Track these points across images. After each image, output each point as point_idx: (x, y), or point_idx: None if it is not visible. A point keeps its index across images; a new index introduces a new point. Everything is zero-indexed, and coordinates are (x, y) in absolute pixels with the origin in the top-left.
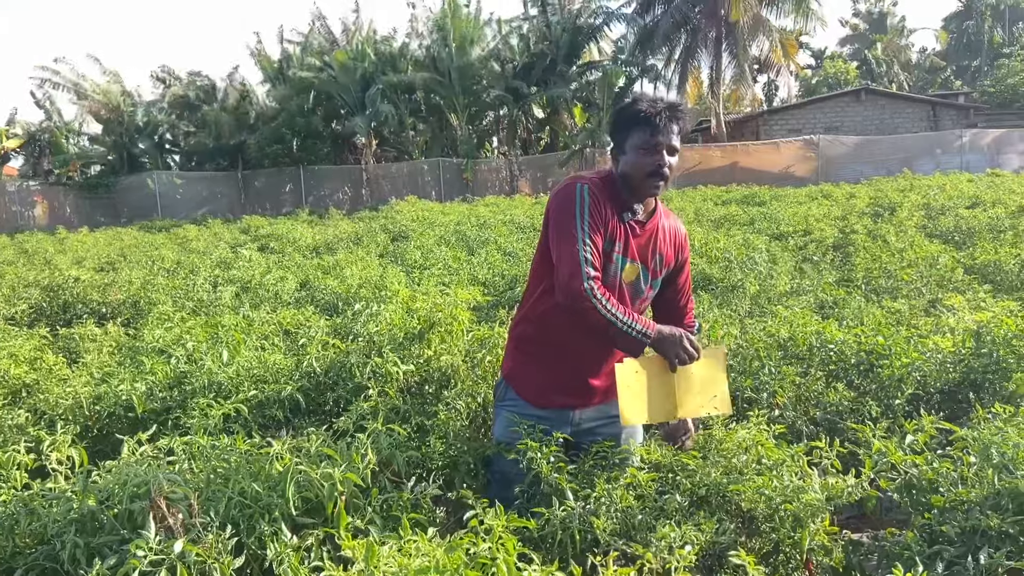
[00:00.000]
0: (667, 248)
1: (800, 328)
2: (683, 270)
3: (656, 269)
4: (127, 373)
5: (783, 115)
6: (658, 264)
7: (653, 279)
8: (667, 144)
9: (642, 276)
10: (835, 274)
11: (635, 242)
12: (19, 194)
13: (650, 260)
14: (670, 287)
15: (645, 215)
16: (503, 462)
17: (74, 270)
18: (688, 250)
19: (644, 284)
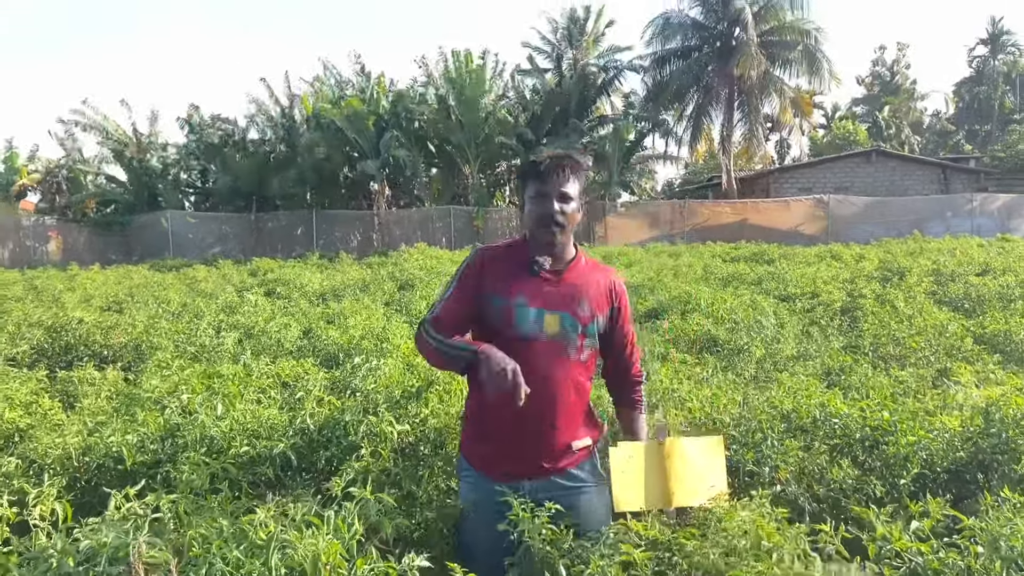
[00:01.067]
0: (595, 296)
1: (804, 399)
2: (621, 319)
3: (585, 315)
4: (119, 424)
5: (794, 173)
6: (587, 310)
7: (584, 326)
8: (557, 192)
9: (568, 325)
10: (842, 339)
11: (549, 292)
12: (34, 229)
13: (576, 308)
14: (612, 337)
15: (562, 264)
16: (465, 533)
17: (80, 310)
18: (625, 298)
19: (574, 333)
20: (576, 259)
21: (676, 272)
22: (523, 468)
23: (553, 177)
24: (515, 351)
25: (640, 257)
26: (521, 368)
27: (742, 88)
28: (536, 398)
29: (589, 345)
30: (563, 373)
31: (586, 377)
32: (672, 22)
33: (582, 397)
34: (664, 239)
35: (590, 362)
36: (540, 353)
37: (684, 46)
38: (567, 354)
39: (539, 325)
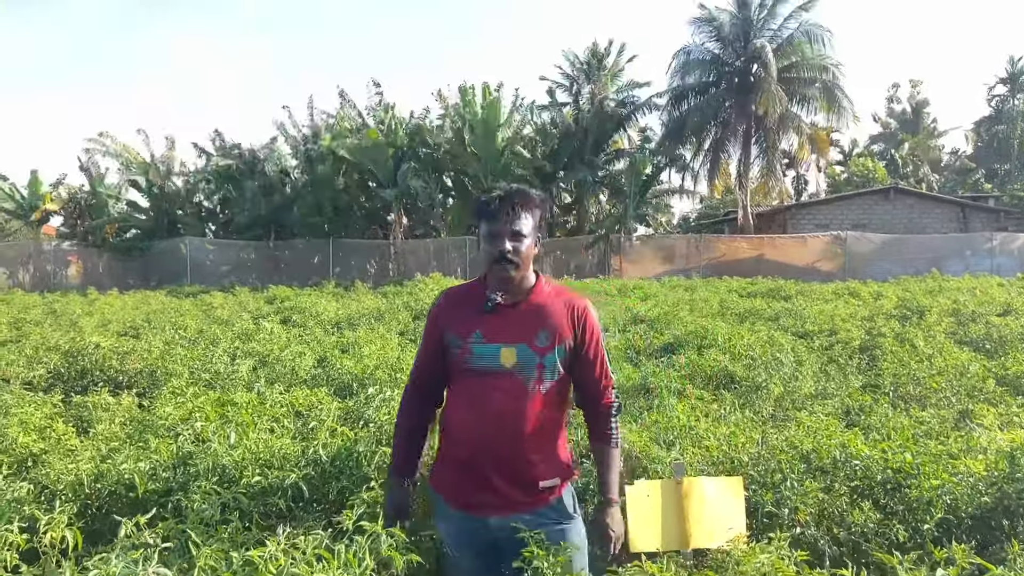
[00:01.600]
0: (558, 322)
1: (824, 439)
2: (588, 345)
3: (544, 346)
4: (132, 450)
5: (811, 210)
6: (546, 339)
7: (544, 356)
8: (508, 231)
9: (524, 356)
10: (861, 378)
11: (506, 325)
12: (55, 253)
13: (533, 338)
14: (581, 365)
15: (520, 295)
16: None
17: (97, 335)
18: (592, 323)
19: (531, 364)
20: (536, 288)
21: (692, 306)
22: (488, 502)
23: (503, 215)
24: (474, 387)
25: (656, 291)
26: (480, 403)
27: (760, 124)
28: (497, 432)
29: (551, 376)
30: (524, 407)
31: (553, 411)
32: (692, 57)
33: (549, 432)
34: (680, 273)
35: (555, 395)
36: (499, 387)
37: (702, 81)
38: (526, 387)
39: (496, 359)
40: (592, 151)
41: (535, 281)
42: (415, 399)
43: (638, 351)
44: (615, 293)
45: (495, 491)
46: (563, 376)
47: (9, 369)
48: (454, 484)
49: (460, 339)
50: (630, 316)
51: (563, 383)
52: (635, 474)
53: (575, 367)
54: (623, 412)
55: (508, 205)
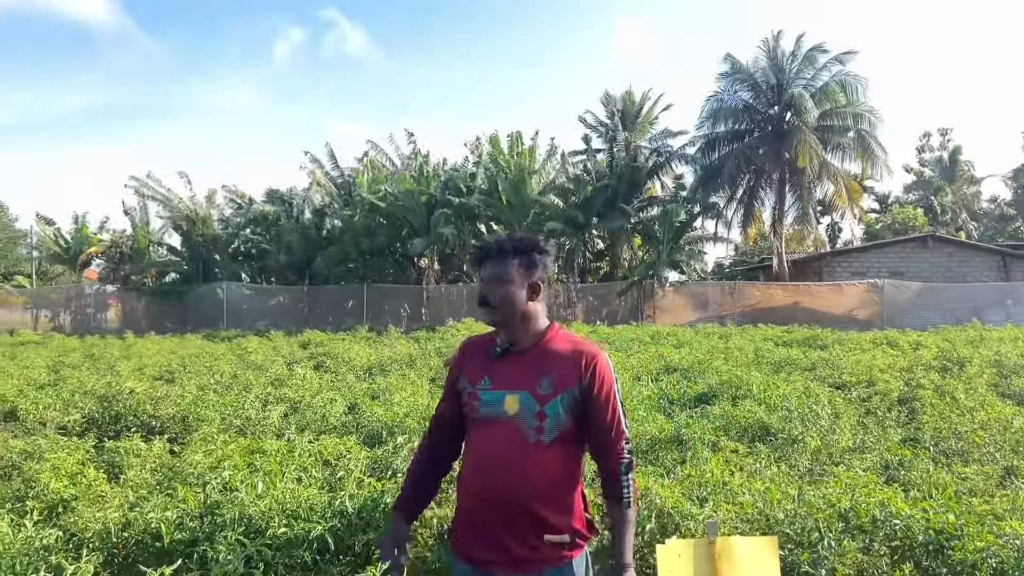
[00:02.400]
0: (562, 369)
1: (863, 497)
2: (597, 396)
3: (545, 393)
4: (159, 499)
5: (847, 257)
6: (548, 387)
7: (544, 404)
8: (486, 276)
9: (526, 404)
10: (900, 431)
11: (512, 372)
12: (95, 297)
13: (535, 385)
14: (589, 416)
15: (528, 343)
16: None
17: (132, 379)
18: (603, 373)
19: (531, 412)
20: (546, 336)
21: (727, 355)
22: (493, 557)
23: (481, 264)
24: (481, 435)
25: (689, 338)
26: (484, 452)
27: (794, 171)
28: (501, 482)
29: (553, 426)
30: (526, 457)
31: (560, 464)
32: (724, 105)
33: (557, 486)
34: (714, 320)
35: (563, 447)
36: (502, 435)
37: (735, 129)
38: (528, 436)
39: (500, 406)
40: (625, 198)
41: (546, 328)
42: (428, 447)
43: (671, 401)
44: (648, 340)
45: (499, 545)
46: (572, 428)
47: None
48: (462, 536)
49: (471, 386)
50: (663, 364)
51: (572, 435)
52: (667, 531)
53: (585, 418)
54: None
55: (485, 254)
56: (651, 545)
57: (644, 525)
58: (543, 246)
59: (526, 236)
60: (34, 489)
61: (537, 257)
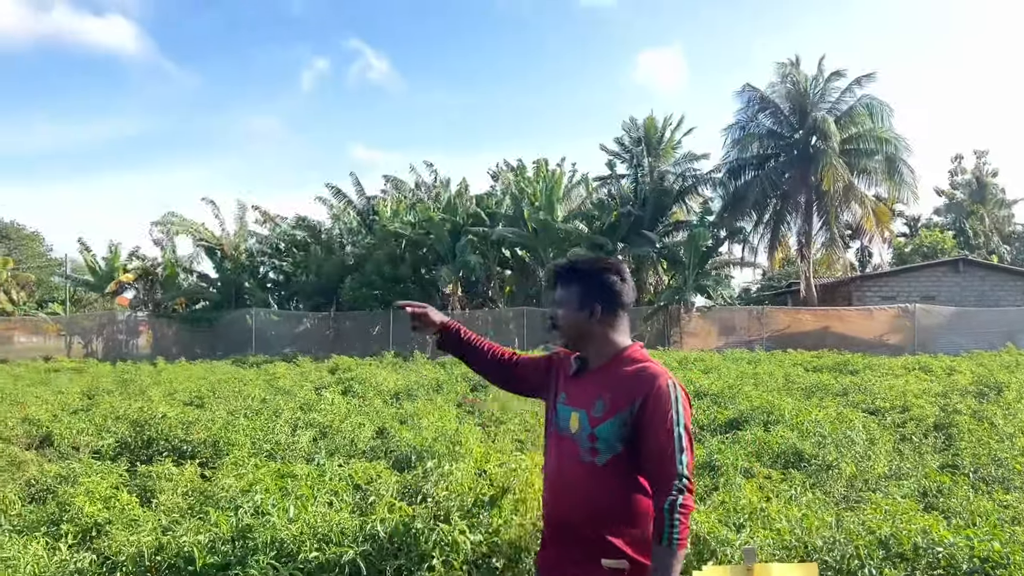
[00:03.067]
0: (617, 392)
1: (903, 524)
2: (650, 423)
3: (597, 415)
4: (192, 523)
5: (876, 282)
6: (601, 409)
7: (595, 426)
8: (556, 299)
9: (583, 424)
10: (938, 458)
11: (578, 390)
12: (127, 323)
13: (591, 406)
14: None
15: (597, 364)
16: None
17: (164, 405)
18: (661, 400)
19: (586, 432)
20: (616, 357)
21: (756, 380)
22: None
23: (548, 286)
24: (550, 447)
25: (717, 363)
26: (550, 465)
27: (821, 196)
28: (559, 498)
29: (606, 450)
30: (582, 476)
31: (616, 486)
32: (747, 131)
33: (615, 510)
34: (741, 345)
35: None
36: (563, 452)
37: (760, 154)
38: (582, 456)
39: (567, 422)
40: (651, 223)
41: (621, 350)
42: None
43: (701, 426)
44: (676, 365)
45: (562, 563)
46: (628, 455)
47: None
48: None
49: (554, 396)
50: (692, 390)
51: (631, 463)
52: (703, 558)
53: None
54: None
55: (556, 277)
56: (687, 572)
57: None
58: (606, 267)
59: (593, 258)
60: (68, 512)
61: (598, 279)
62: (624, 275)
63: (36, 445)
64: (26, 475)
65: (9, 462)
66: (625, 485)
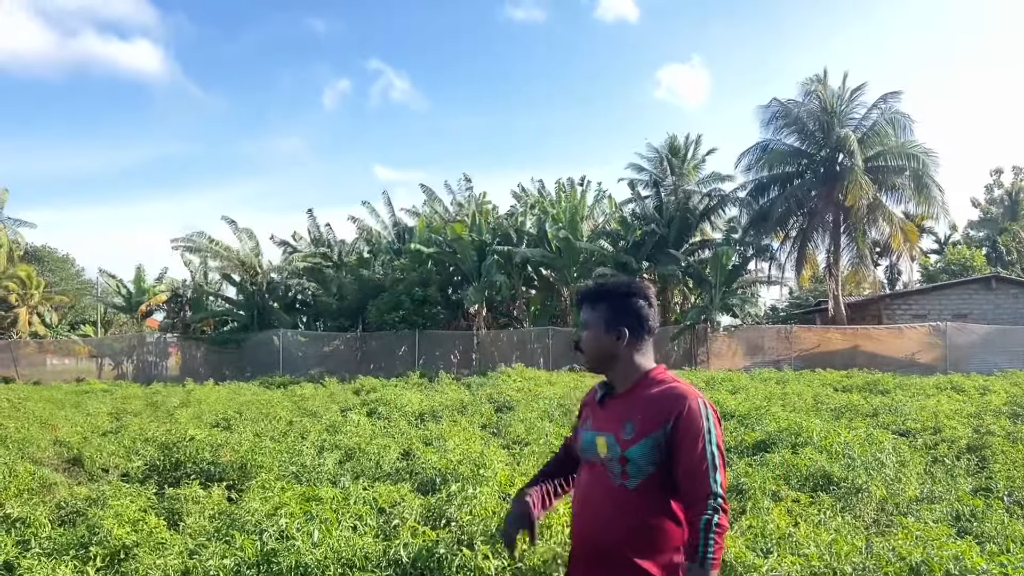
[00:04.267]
0: (647, 414)
1: (935, 550)
2: (682, 444)
3: (627, 438)
4: (217, 547)
5: (906, 300)
6: (631, 432)
7: (625, 449)
8: (582, 321)
9: (612, 447)
10: (971, 480)
11: (605, 415)
12: (156, 345)
13: (620, 429)
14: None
15: (623, 387)
16: None
17: (192, 427)
18: (691, 419)
19: (615, 456)
20: (641, 380)
21: (784, 401)
22: None
23: (579, 308)
24: (582, 474)
25: (745, 383)
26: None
27: (848, 213)
28: (589, 523)
29: (637, 473)
30: (612, 500)
31: (647, 509)
32: (770, 149)
33: (641, 531)
34: (769, 365)
35: (649, 494)
36: (593, 477)
37: (784, 172)
38: (612, 479)
39: (593, 447)
40: (676, 242)
41: (645, 372)
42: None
43: (728, 449)
44: (702, 386)
45: None
46: (659, 475)
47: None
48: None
49: (581, 425)
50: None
51: (663, 485)
52: None
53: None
54: None
55: (582, 299)
56: None
57: None
58: (634, 290)
59: (619, 281)
60: (97, 535)
61: (626, 302)
62: (651, 299)
63: (66, 467)
64: (56, 497)
65: (40, 484)
66: (657, 508)
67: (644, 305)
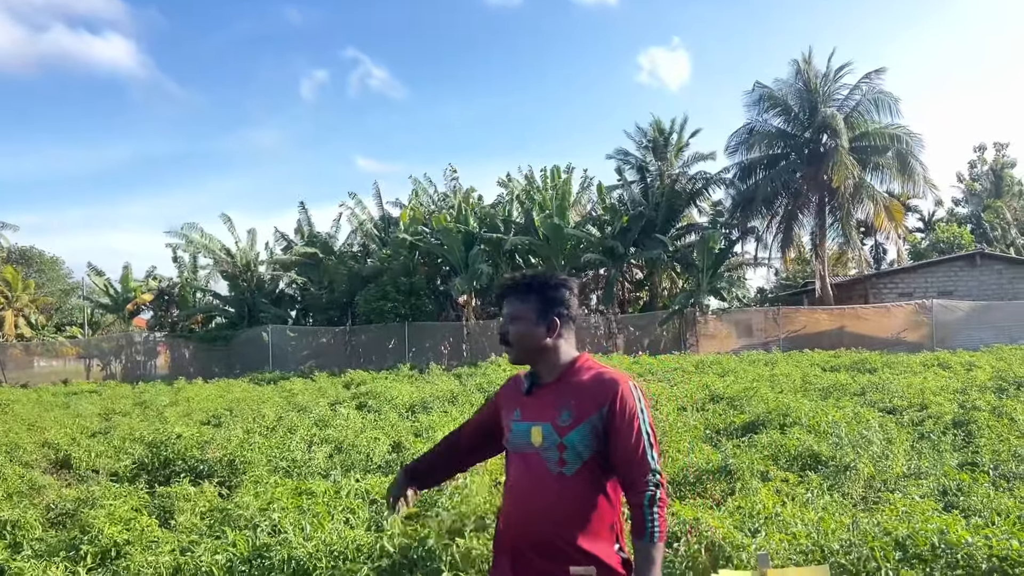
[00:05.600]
0: (582, 400)
1: (921, 524)
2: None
3: (564, 424)
4: (209, 543)
5: (892, 278)
6: (568, 418)
7: (564, 435)
8: (508, 314)
9: (548, 436)
10: (957, 456)
11: (538, 404)
12: (144, 345)
13: (556, 416)
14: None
15: (552, 376)
16: None
17: (180, 425)
18: (625, 401)
19: (552, 443)
20: (571, 368)
21: (773, 382)
22: None
23: (500, 303)
24: (512, 465)
25: (734, 366)
26: (513, 482)
27: (833, 194)
28: (526, 513)
29: (575, 459)
30: (549, 488)
31: (584, 495)
32: (756, 131)
33: (579, 518)
34: (758, 347)
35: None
36: (528, 467)
37: (770, 155)
38: (550, 467)
39: (527, 437)
40: (663, 227)
41: (572, 360)
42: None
43: (717, 431)
44: (692, 369)
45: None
46: (596, 459)
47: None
48: (498, 566)
49: (506, 417)
50: (708, 394)
51: (598, 467)
52: (718, 564)
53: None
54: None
55: (506, 292)
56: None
57: (695, 558)
58: (561, 281)
59: (543, 273)
60: (88, 535)
61: (554, 294)
62: (575, 289)
63: (55, 469)
64: (46, 500)
65: (29, 487)
66: (593, 494)
67: (570, 295)
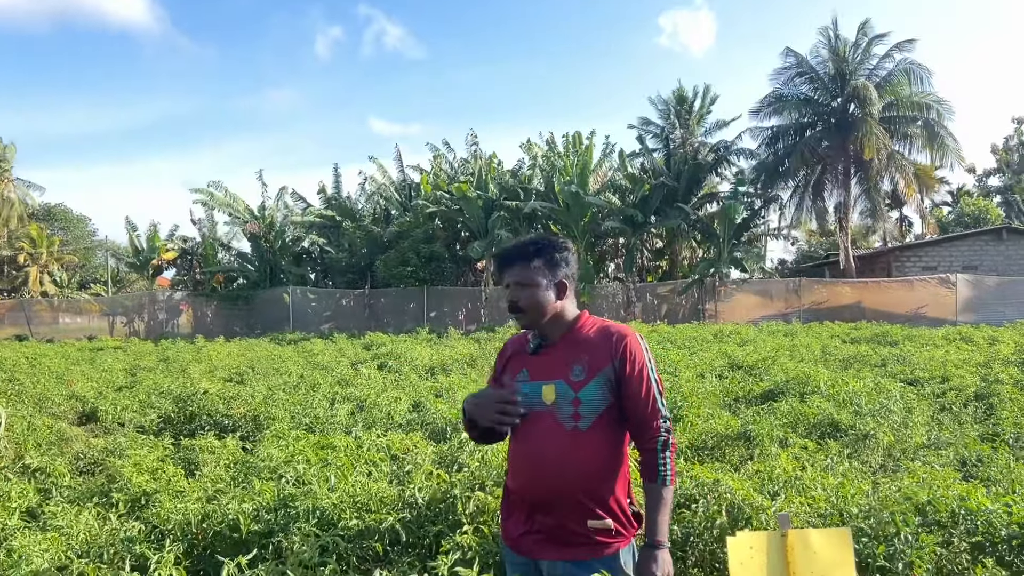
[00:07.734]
0: (593, 354)
1: (942, 491)
2: (631, 376)
3: (579, 380)
4: (236, 492)
5: (916, 252)
6: (581, 373)
7: (579, 391)
8: (512, 281)
9: (562, 392)
10: (978, 427)
11: (547, 362)
12: (167, 303)
13: (568, 373)
14: (623, 397)
15: (557, 335)
16: None
17: (205, 381)
18: (634, 351)
19: (567, 399)
20: (576, 325)
21: (792, 352)
22: (541, 545)
23: (502, 271)
24: (523, 425)
25: (753, 336)
26: (525, 441)
27: (860, 164)
28: (540, 470)
29: (589, 412)
30: (564, 444)
31: (599, 449)
32: (785, 97)
33: (598, 473)
34: (778, 318)
35: (601, 434)
36: (541, 425)
37: (796, 122)
38: (564, 423)
39: (538, 396)
40: (684, 196)
41: (575, 318)
42: None
43: (736, 398)
44: (711, 338)
45: (544, 533)
46: (609, 414)
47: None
48: (506, 520)
49: (512, 379)
50: (727, 362)
51: (611, 422)
52: (737, 524)
53: (620, 399)
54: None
55: (502, 261)
56: (722, 539)
57: (715, 519)
58: (562, 243)
59: (543, 237)
60: (117, 483)
61: (559, 256)
62: (573, 249)
63: (82, 421)
64: (74, 450)
65: (58, 437)
66: (607, 447)
67: (573, 257)
